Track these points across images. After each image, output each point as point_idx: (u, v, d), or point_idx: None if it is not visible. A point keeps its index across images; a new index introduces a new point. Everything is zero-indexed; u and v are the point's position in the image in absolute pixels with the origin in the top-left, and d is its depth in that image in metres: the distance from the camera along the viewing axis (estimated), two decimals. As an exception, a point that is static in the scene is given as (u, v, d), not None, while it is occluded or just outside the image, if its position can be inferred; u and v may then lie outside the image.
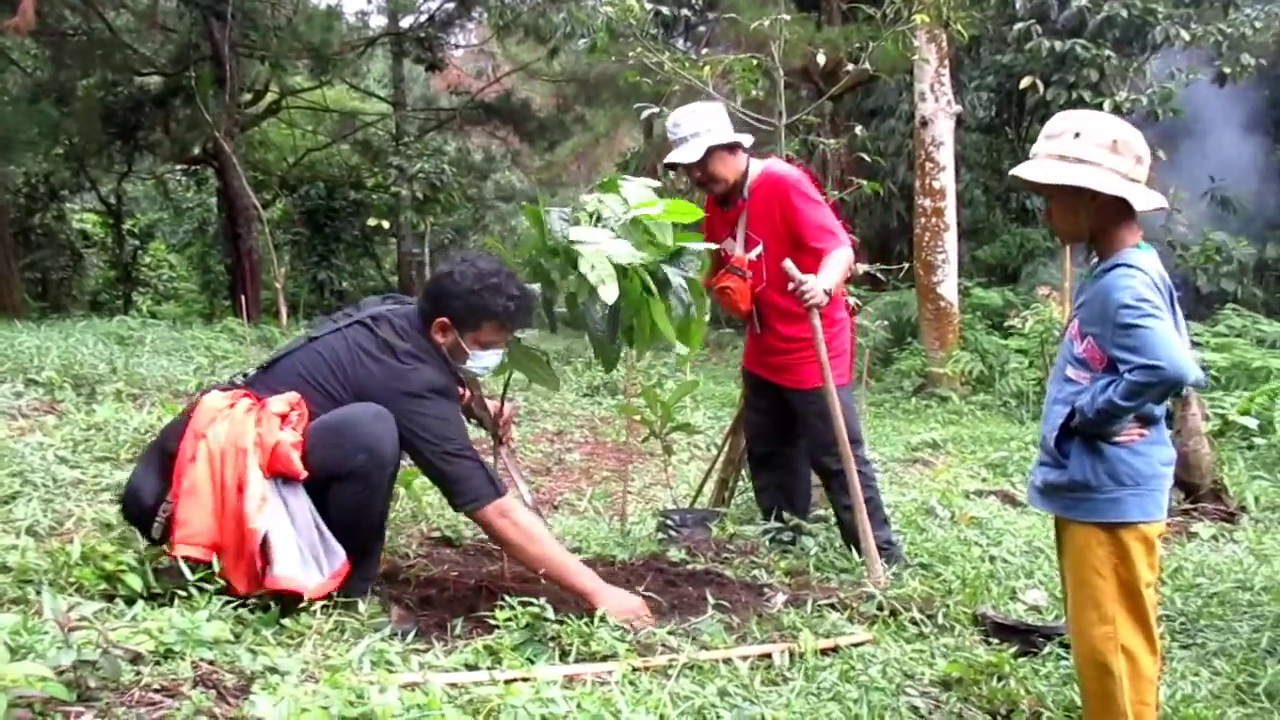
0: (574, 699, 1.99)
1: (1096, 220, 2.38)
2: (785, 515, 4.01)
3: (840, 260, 3.75)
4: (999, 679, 2.86)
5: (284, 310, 12.79)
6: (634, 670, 2.48)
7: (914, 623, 3.22)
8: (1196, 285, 12.65)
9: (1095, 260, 2.46)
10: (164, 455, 2.83)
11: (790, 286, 3.64)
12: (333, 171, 19.27)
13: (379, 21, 19.68)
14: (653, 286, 3.13)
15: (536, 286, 3.28)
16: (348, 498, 2.79)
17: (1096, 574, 2.35)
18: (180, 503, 2.68)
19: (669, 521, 4.04)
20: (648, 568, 3.66)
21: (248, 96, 17.13)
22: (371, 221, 13.24)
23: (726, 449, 4.70)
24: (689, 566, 3.65)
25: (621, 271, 3.03)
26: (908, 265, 10.07)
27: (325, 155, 19.95)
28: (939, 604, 3.40)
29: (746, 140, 3.94)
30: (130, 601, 2.54)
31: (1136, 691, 2.32)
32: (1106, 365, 2.34)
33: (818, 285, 3.62)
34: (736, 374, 10.95)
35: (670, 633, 2.81)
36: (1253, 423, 7.11)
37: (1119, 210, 2.35)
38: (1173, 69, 11.50)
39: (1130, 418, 2.32)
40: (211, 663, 2.08)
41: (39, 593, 2.50)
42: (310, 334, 3.14)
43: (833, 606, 3.24)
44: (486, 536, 3.96)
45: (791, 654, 2.78)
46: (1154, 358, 2.20)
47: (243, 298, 15.06)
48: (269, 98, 17.89)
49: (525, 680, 2.13)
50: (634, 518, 4.81)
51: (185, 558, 2.64)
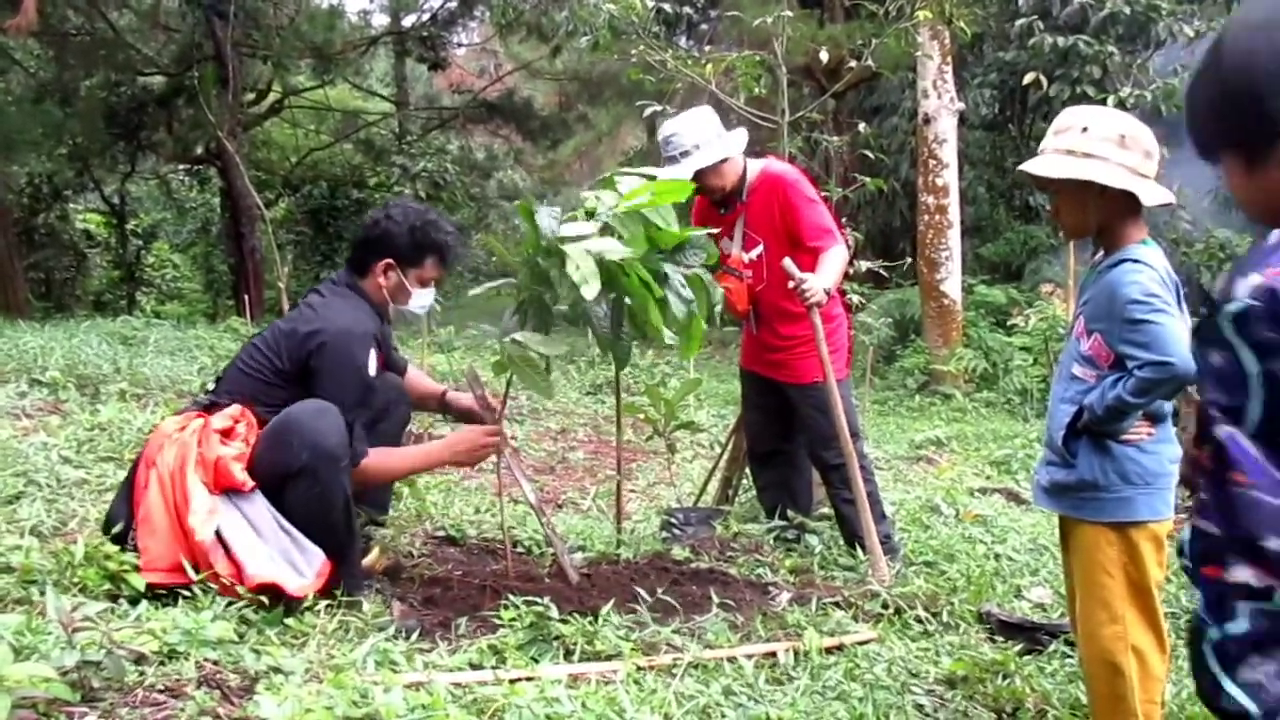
0: (579, 698, 1.99)
1: (1103, 215, 2.36)
2: (789, 514, 4.00)
3: (838, 259, 3.77)
4: (1004, 677, 2.85)
5: (287, 309, 12.88)
6: (638, 669, 2.48)
7: (919, 621, 3.21)
8: (1200, 282, 12.61)
9: (1099, 256, 2.44)
10: (129, 485, 2.87)
11: (791, 285, 3.64)
12: (335, 171, 19.28)
13: (381, 20, 19.70)
14: (651, 281, 3.11)
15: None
16: (303, 497, 2.79)
17: (1105, 573, 2.33)
18: (140, 531, 2.72)
19: (673, 520, 4.03)
20: (652, 566, 3.65)
21: (250, 96, 17.14)
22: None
23: (730, 447, 4.69)
24: (693, 565, 3.64)
25: (618, 268, 3.02)
26: (910, 262, 10.05)
27: (328, 155, 19.95)
28: (944, 602, 3.39)
29: (740, 140, 3.89)
30: (134, 601, 2.54)
31: (1146, 691, 2.31)
32: (1113, 362, 2.32)
33: (818, 284, 3.62)
34: (739, 372, 10.95)
35: (675, 631, 2.81)
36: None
37: (1126, 205, 2.34)
38: (1176, 65, 11.46)
39: (1139, 415, 2.31)
40: (215, 663, 2.08)
41: (43, 593, 2.50)
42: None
43: (838, 604, 3.23)
44: (490, 536, 4.01)
45: (796, 652, 2.77)
46: (1164, 354, 2.19)
47: (246, 297, 15.12)
48: (271, 97, 17.90)
49: (530, 680, 2.12)
50: (638, 516, 4.81)
51: (153, 584, 2.64)
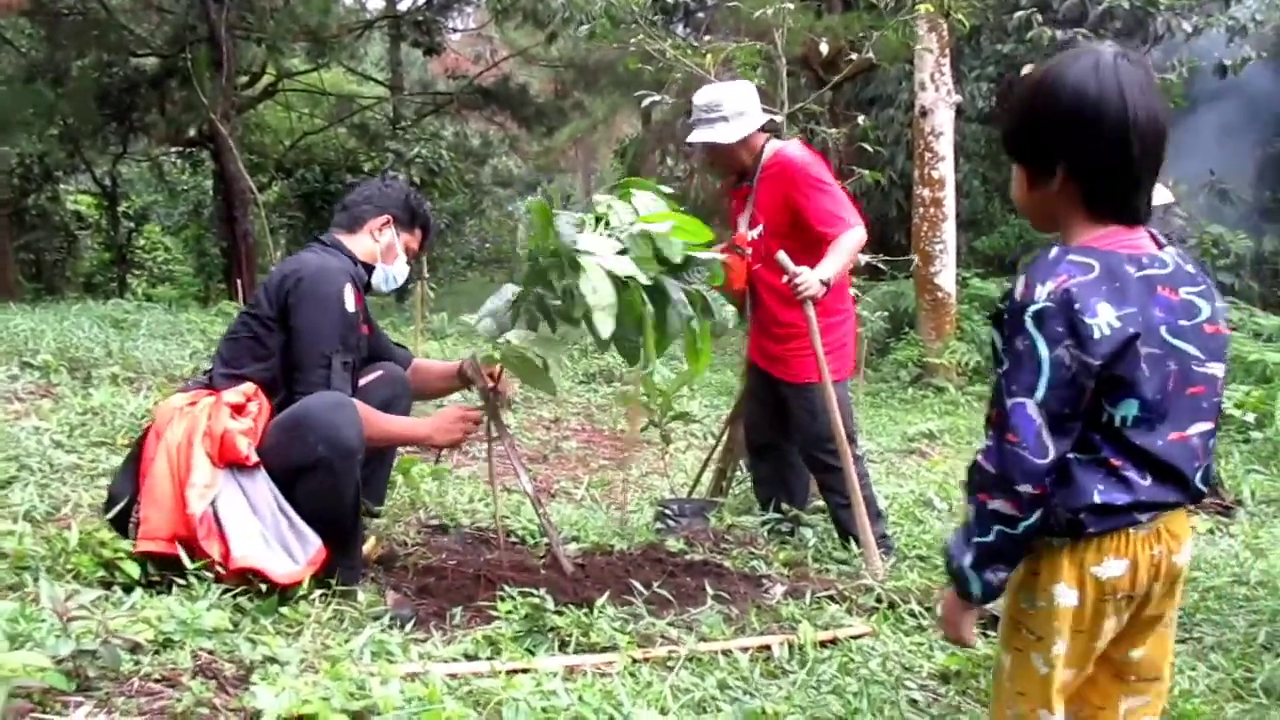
0: (576, 691, 1.98)
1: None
2: (784, 506, 4.01)
3: (845, 246, 3.68)
4: (997, 672, 2.86)
5: (280, 294, 12.84)
6: (634, 662, 2.48)
7: (912, 615, 3.21)
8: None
9: None
10: (136, 458, 2.87)
11: (785, 279, 3.63)
12: (329, 155, 19.20)
13: (376, 4, 19.60)
14: (647, 302, 3.09)
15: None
16: (315, 489, 2.78)
17: None
18: (142, 502, 2.72)
19: (667, 511, 4.03)
20: (646, 558, 3.65)
21: (244, 79, 17.03)
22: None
23: (725, 439, 4.69)
24: (687, 557, 3.64)
25: (621, 283, 3.00)
26: (909, 256, 10.05)
27: (321, 139, 19.85)
28: (937, 596, 3.39)
29: (765, 120, 3.94)
30: (128, 589, 2.54)
31: None
32: None
33: (814, 276, 3.59)
34: (734, 362, 10.95)
35: (670, 624, 2.81)
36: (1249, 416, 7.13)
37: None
38: (1173, 60, 11.45)
39: None
40: (210, 652, 2.07)
41: (36, 580, 2.50)
42: None
43: (831, 598, 3.23)
44: (484, 525, 4.00)
45: (790, 646, 2.77)
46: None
47: (238, 281, 15.04)
48: (265, 80, 17.80)
49: (525, 671, 2.12)
50: (632, 506, 4.80)
51: (147, 553, 2.65)
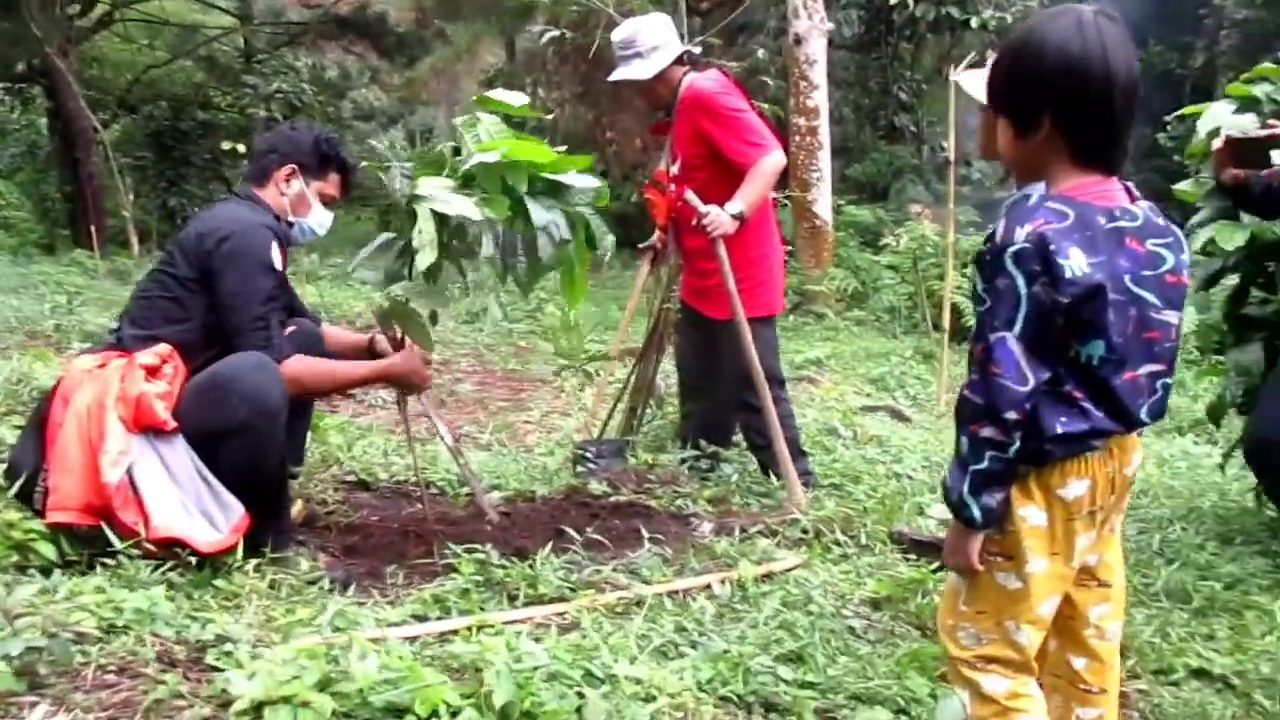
0: (550, 650, 1.97)
1: None
2: (700, 443, 4.04)
3: (759, 177, 3.67)
4: (923, 595, 2.97)
5: (134, 239, 12.13)
6: (580, 610, 2.48)
7: (837, 544, 3.31)
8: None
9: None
10: (39, 425, 2.70)
11: (694, 220, 3.62)
12: (177, 90, 18.08)
13: (219, -74, 18.41)
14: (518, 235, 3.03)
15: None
16: (239, 453, 2.66)
17: None
18: (51, 470, 2.57)
19: (586, 454, 4.01)
20: (570, 502, 3.64)
21: (77, 7, 15.82)
22: (226, 145, 12.49)
23: (634, 377, 4.68)
24: (612, 499, 3.64)
25: (445, 223, 2.91)
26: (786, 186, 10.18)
27: (166, 72, 18.67)
28: (857, 524, 3.50)
29: (679, 50, 3.89)
30: (45, 571, 2.38)
31: None
32: None
33: (724, 213, 3.59)
34: (619, 296, 10.95)
35: (613, 569, 2.82)
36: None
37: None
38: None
39: None
40: (156, 635, 1.97)
41: (-59, 568, 2.33)
42: None
43: (761, 533, 3.30)
44: (402, 479, 3.92)
45: (730, 583, 2.82)
46: None
47: (88, 227, 14.13)
48: (100, 9, 16.57)
49: (487, 628, 2.10)
50: (540, 449, 4.78)
51: (58, 524, 2.51)
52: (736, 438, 4.23)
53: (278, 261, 2.88)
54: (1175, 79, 15.33)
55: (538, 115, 4.03)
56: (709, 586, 2.80)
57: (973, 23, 10.59)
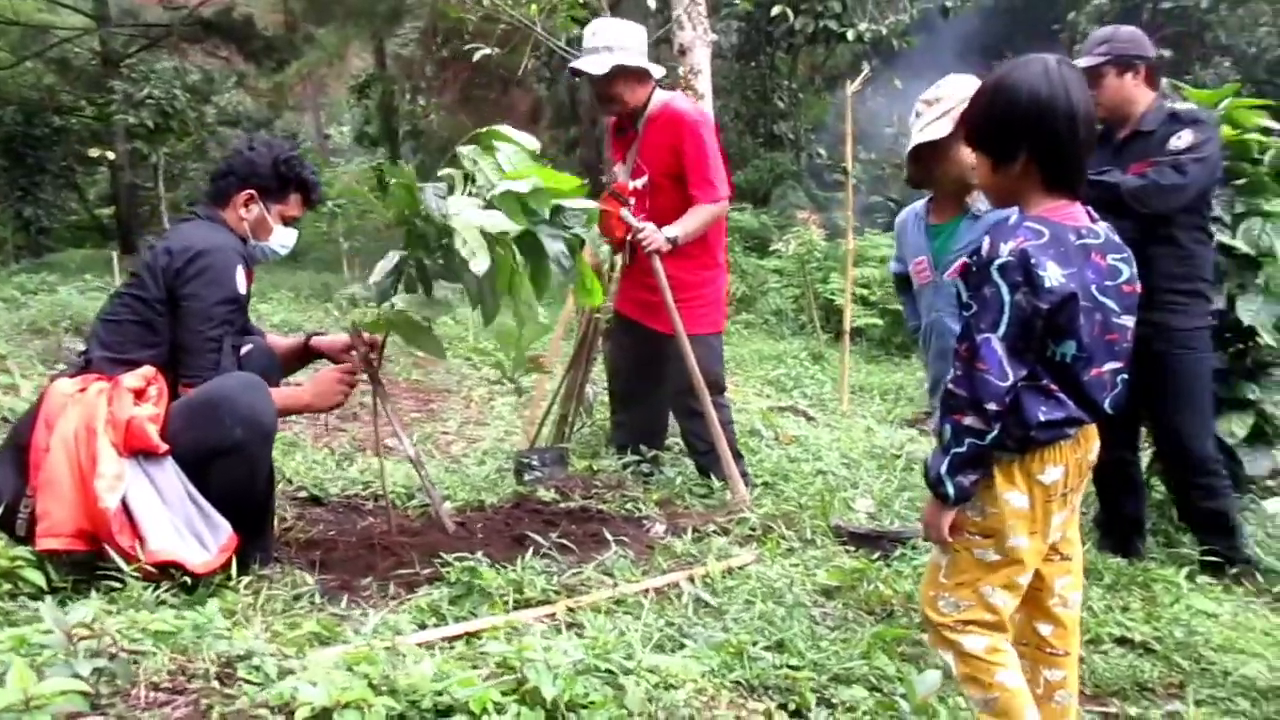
0: (584, 646, 2.09)
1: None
2: (642, 448, 4.19)
3: (702, 215, 3.92)
4: (869, 583, 3.19)
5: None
6: (571, 610, 2.60)
7: (783, 539, 3.51)
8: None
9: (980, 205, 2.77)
10: (18, 450, 2.67)
11: (630, 235, 3.79)
12: (26, 94, 17.17)
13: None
14: (519, 259, 3.15)
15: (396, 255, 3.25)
16: (230, 473, 2.70)
17: None
18: (39, 496, 2.55)
19: (529, 462, 4.11)
20: (522, 510, 3.74)
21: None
22: (93, 152, 11.97)
23: (565, 385, 4.79)
24: (562, 505, 3.76)
25: (493, 239, 3.04)
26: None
27: (13, 75, 17.71)
28: (798, 520, 3.71)
29: (657, 72, 3.98)
30: (34, 597, 2.37)
31: None
32: None
33: (658, 235, 3.79)
34: (547, 305, 10.98)
35: (589, 573, 2.94)
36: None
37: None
38: (906, 1, 12.40)
39: None
40: (183, 652, 2.01)
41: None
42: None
43: (713, 532, 3.47)
44: (351, 493, 3.94)
45: (699, 579, 2.98)
46: None
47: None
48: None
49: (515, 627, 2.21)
50: (469, 460, 4.84)
51: (50, 550, 2.51)
52: (669, 441, 4.39)
53: (241, 286, 2.90)
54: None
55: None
56: (676, 584, 2.95)
57: (849, 35, 11.05)
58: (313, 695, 1.68)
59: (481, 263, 2.93)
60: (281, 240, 3.16)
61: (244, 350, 3.20)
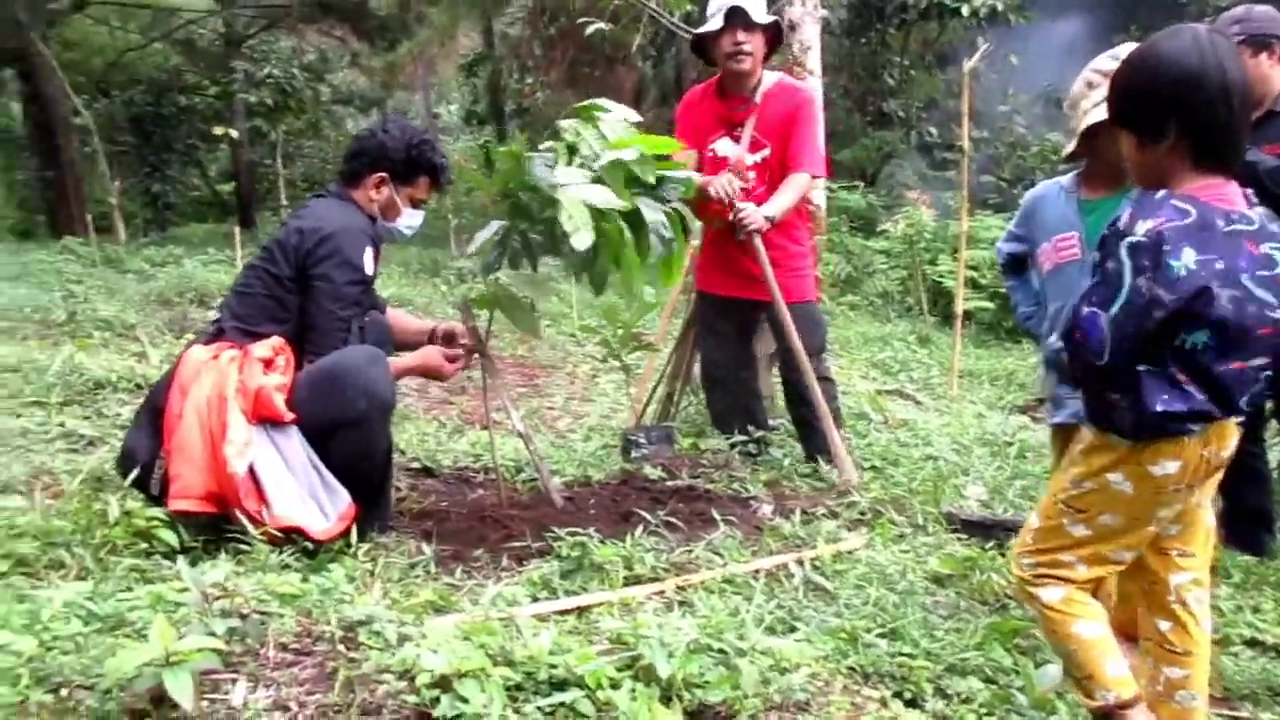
0: (700, 625, 2.09)
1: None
2: (748, 429, 4.16)
3: (797, 190, 3.96)
4: (981, 572, 3.11)
5: (120, 226, 12.04)
6: (682, 589, 2.60)
7: (893, 524, 3.44)
8: (1034, 182, 13.46)
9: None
10: (154, 413, 2.80)
11: (730, 215, 3.79)
12: (155, 74, 17.86)
13: (198, -92, 18.16)
14: (627, 233, 3.14)
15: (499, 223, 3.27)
16: (351, 444, 2.78)
17: None
18: (172, 458, 2.66)
19: (638, 439, 4.12)
20: (629, 486, 3.75)
21: (54, -10, 15.58)
22: (217, 130, 12.41)
23: (671, 363, 4.79)
24: (669, 484, 3.76)
25: (599, 214, 3.04)
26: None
27: (142, 56, 18.43)
28: (908, 505, 3.64)
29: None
30: (167, 556, 2.48)
31: None
32: None
33: (758, 212, 3.81)
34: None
35: (698, 551, 2.93)
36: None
37: None
38: (1020, -24, 12.00)
39: None
40: (309, 615, 2.07)
41: (73, 555, 2.41)
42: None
43: (822, 515, 3.43)
44: (463, 465, 4.02)
45: (808, 562, 2.95)
46: None
47: (67, 213, 13.97)
48: (76, -9, 16.32)
49: (626, 603, 2.22)
50: (575, 435, 4.88)
51: (181, 511, 2.60)
52: (776, 421, 4.36)
53: (369, 266, 2.97)
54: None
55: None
56: (788, 566, 2.93)
57: (963, 10, 10.74)
58: (434, 663, 1.71)
59: (584, 238, 2.93)
60: (409, 222, 3.22)
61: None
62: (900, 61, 13.52)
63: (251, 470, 2.58)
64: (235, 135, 12.93)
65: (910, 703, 2.18)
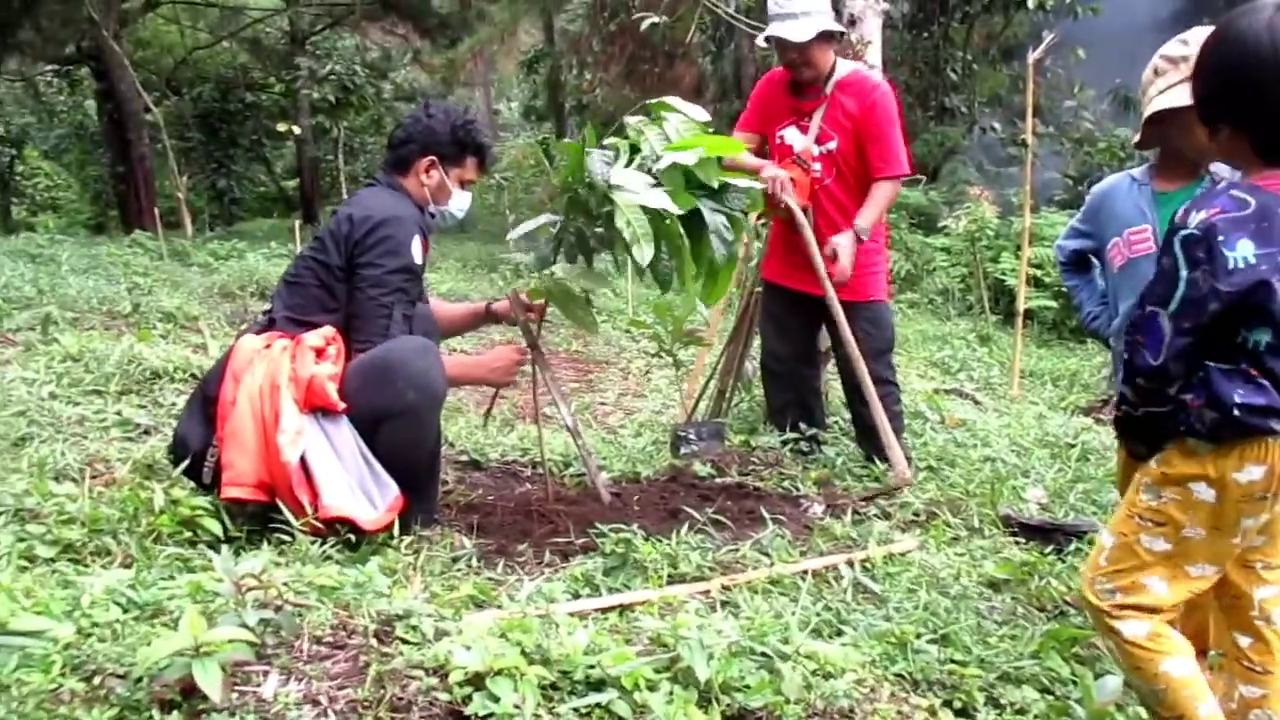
0: (743, 628, 2.04)
1: None
2: (801, 426, 4.09)
3: (883, 198, 3.89)
4: (1039, 578, 3.01)
5: (188, 220, 12.28)
6: (727, 588, 2.55)
7: (948, 526, 3.35)
8: (1101, 178, 13.12)
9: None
10: (206, 401, 2.81)
11: (828, 249, 3.77)
12: (223, 72, 18.25)
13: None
14: (684, 236, 3.08)
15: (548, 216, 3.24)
16: (399, 435, 2.77)
17: None
18: (225, 446, 2.67)
19: (688, 435, 4.06)
20: (678, 483, 3.70)
21: (127, -10, 15.97)
22: (280, 126, 12.61)
23: (724, 359, 4.73)
24: (719, 481, 3.71)
25: (659, 215, 2.99)
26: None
27: (210, 54, 18.85)
28: (963, 507, 3.54)
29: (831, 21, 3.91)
30: (212, 546, 2.48)
31: None
32: None
33: (850, 255, 3.77)
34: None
35: (744, 550, 2.87)
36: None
37: None
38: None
39: None
40: (346, 607, 2.05)
41: (119, 542, 2.43)
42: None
43: (874, 515, 3.35)
44: (510, 459, 4.00)
45: (858, 563, 2.87)
46: None
47: (137, 208, 14.29)
48: (146, -9, 16.72)
49: (668, 602, 2.17)
50: (626, 431, 4.84)
51: (233, 499, 2.61)
52: (829, 419, 4.28)
53: (418, 256, 2.96)
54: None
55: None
56: (834, 566, 2.85)
57: (1029, 2, 10.49)
58: (466, 660, 1.68)
59: (645, 252, 2.89)
60: (459, 204, 3.23)
61: None
62: (963, 56, 13.26)
63: (303, 460, 2.58)
64: (298, 131, 13.11)
65: (960, 712, 2.10)
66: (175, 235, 11.91)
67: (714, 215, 3.10)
